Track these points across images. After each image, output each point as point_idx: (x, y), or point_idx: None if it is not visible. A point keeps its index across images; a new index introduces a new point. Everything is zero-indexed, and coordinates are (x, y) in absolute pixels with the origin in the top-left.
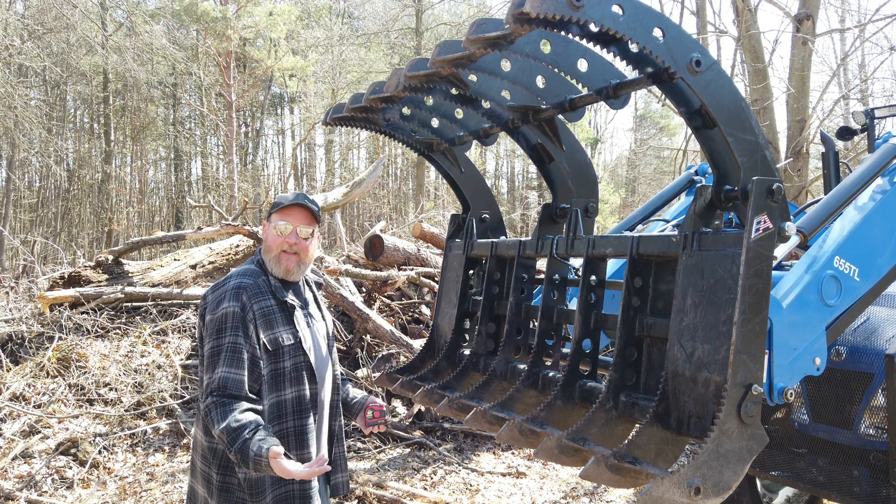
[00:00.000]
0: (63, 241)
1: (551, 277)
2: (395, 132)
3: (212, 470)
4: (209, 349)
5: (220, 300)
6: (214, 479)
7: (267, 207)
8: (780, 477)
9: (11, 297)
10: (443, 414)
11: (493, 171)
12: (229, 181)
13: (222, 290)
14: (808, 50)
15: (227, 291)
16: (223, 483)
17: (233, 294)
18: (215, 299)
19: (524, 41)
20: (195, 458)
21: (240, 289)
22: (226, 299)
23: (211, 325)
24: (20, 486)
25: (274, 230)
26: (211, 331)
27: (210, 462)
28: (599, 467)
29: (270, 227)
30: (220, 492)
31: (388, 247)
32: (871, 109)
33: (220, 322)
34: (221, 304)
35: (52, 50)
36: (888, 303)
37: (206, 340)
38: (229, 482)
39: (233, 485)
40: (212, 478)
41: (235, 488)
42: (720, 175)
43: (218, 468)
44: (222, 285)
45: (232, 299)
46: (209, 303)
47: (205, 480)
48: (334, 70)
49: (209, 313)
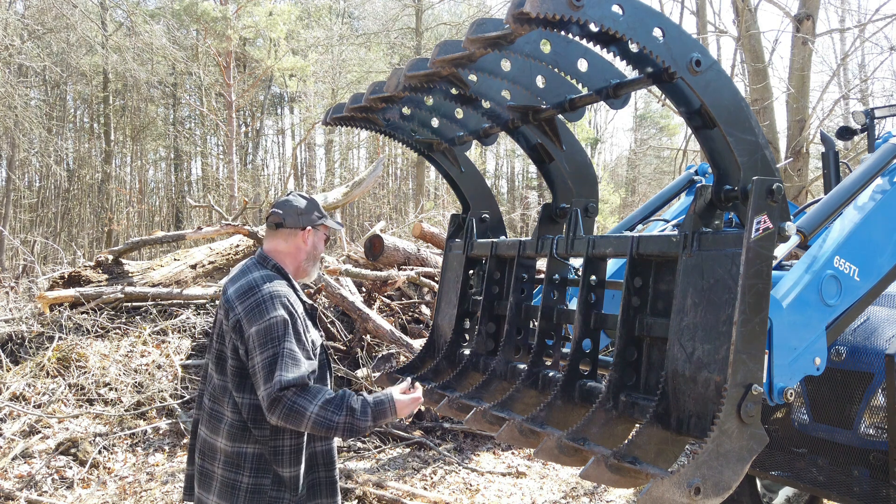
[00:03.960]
0: (63, 241)
1: (551, 277)
2: (395, 132)
3: (241, 474)
4: (265, 359)
5: (263, 309)
6: (244, 482)
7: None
8: (780, 477)
9: (11, 297)
10: (443, 414)
11: (493, 171)
12: (229, 181)
13: (258, 297)
14: (808, 50)
15: (267, 300)
16: (256, 485)
17: (277, 302)
18: (252, 308)
19: (524, 41)
20: (212, 468)
21: (279, 296)
22: (269, 308)
23: (259, 336)
24: (20, 486)
25: (322, 239)
26: (262, 340)
27: (239, 467)
28: (599, 467)
29: (320, 236)
30: (252, 494)
31: (388, 247)
32: (871, 109)
33: (271, 331)
34: (266, 312)
35: (52, 50)
36: (888, 303)
37: (255, 352)
38: (261, 483)
39: (265, 485)
40: (240, 483)
41: (268, 488)
42: (720, 175)
43: (250, 471)
44: (253, 293)
45: (278, 307)
46: (244, 312)
47: (228, 488)
48: (334, 70)
49: (253, 324)
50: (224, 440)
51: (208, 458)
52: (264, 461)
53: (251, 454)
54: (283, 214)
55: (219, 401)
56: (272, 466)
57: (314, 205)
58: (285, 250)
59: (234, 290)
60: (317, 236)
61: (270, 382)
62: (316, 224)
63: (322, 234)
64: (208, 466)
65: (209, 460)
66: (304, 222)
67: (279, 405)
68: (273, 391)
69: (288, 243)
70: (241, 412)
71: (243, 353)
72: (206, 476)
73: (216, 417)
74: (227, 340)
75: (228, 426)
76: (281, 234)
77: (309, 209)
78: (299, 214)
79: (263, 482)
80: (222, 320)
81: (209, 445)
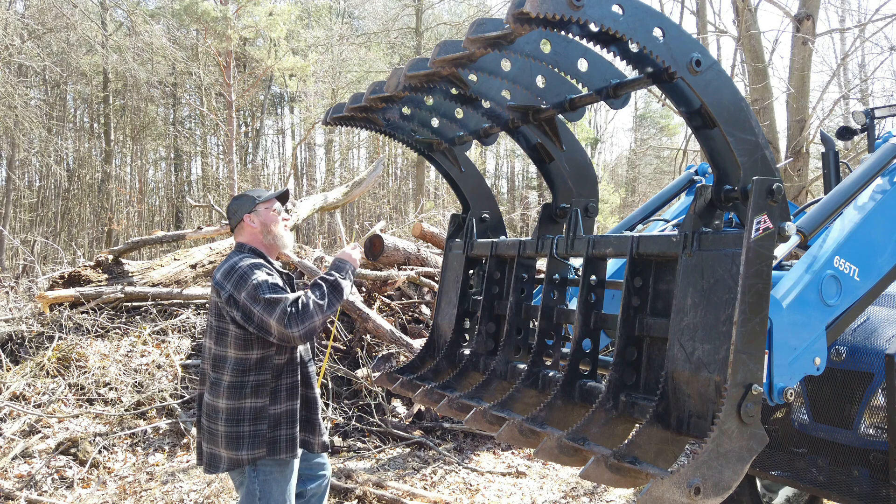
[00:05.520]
0: (63, 241)
1: (551, 277)
2: (395, 132)
3: (242, 426)
4: (263, 306)
5: (246, 277)
6: (245, 431)
7: None
8: (780, 477)
9: (11, 296)
10: (443, 414)
11: (493, 171)
12: (229, 181)
13: (240, 271)
14: (808, 50)
15: (248, 270)
16: (254, 431)
17: (256, 270)
18: (238, 280)
19: (524, 41)
20: (216, 426)
21: (257, 266)
22: (250, 275)
23: (250, 297)
24: (20, 486)
25: (268, 213)
26: (253, 297)
27: (239, 420)
28: (599, 467)
29: (262, 213)
30: (252, 439)
31: (388, 247)
32: (871, 109)
33: (258, 289)
34: (249, 279)
35: (52, 50)
36: (888, 303)
37: (252, 308)
38: (259, 429)
39: (261, 430)
40: (242, 432)
41: (265, 431)
42: (720, 175)
43: (249, 421)
44: (235, 269)
45: (257, 273)
46: (232, 286)
47: (233, 439)
48: (334, 70)
49: (242, 291)
50: (224, 400)
51: (212, 418)
52: (259, 412)
53: (248, 408)
54: (229, 220)
55: (219, 369)
56: (268, 412)
57: (243, 197)
58: (248, 239)
59: (220, 273)
60: (260, 215)
61: (276, 312)
62: (251, 208)
63: (264, 211)
64: (213, 426)
65: (213, 420)
66: (241, 213)
67: (294, 320)
68: (283, 316)
69: (245, 233)
70: (242, 371)
71: (242, 319)
72: (212, 434)
73: (216, 383)
74: (224, 315)
75: (227, 387)
76: (238, 232)
77: (241, 203)
78: (235, 211)
79: (261, 428)
80: (216, 301)
81: (212, 408)
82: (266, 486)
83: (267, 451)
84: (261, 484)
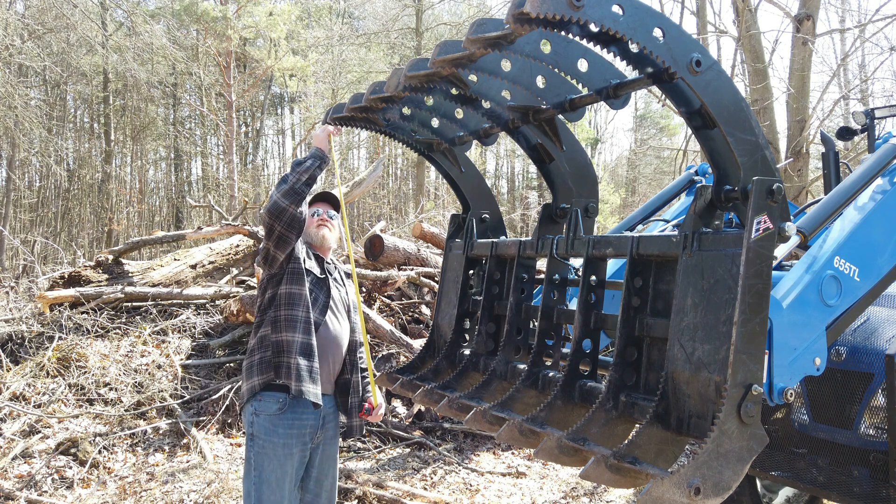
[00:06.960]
0: (63, 241)
1: (551, 277)
2: (395, 132)
3: (253, 356)
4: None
5: None
6: (255, 360)
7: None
8: (780, 477)
9: (11, 297)
10: (443, 414)
11: (493, 171)
12: (229, 181)
13: None
14: (808, 50)
15: None
16: (261, 359)
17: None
18: None
19: (524, 41)
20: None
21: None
22: None
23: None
24: (20, 486)
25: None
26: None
27: (252, 352)
28: (599, 467)
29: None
30: (260, 364)
31: (388, 247)
32: (871, 109)
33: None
34: None
35: (52, 50)
36: (888, 303)
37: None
38: (265, 356)
39: (266, 356)
40: (252, 361)
41: (269, 357)
42: (720, 175)
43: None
44: None
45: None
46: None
47: (245, 371)
48: (334, 70)
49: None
50: (246, 362)
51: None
52: (268, 344)
53: (258, 346)
54: None
55: (251, 352)
56: (283, 358)
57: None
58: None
59: None
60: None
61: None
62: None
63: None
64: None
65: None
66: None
67: (265, 213)
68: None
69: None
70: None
71: (265, 278)
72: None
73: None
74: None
75: (250, 352)
76: None
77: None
78: None
79: (266, 354)
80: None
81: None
82: (259, 458)
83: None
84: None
